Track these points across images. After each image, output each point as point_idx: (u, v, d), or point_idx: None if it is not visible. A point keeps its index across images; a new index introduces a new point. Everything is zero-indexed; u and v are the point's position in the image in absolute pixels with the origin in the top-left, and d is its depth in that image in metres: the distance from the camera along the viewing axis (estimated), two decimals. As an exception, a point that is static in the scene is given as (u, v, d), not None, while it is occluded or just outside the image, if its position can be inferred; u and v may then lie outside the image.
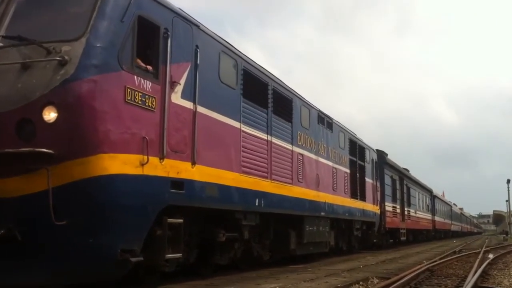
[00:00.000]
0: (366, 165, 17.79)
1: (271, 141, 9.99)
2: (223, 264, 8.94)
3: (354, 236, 16.64)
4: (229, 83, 8.53)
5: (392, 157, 24.45)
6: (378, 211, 19.52)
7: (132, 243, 6.14)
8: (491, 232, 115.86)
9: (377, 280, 9.11)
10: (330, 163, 13.77)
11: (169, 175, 6.73)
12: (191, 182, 7.18)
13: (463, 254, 18.27)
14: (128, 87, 6.10)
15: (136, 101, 6.22)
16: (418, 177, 34.92)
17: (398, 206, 23.93)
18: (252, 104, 9.32)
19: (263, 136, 9.71)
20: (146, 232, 6.36)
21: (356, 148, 16.71)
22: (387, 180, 22.31)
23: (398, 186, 24.69)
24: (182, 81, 7.14)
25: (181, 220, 7.00)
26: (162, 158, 6.60)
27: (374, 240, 19.62)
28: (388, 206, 21.81)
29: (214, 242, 8.40)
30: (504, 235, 54.69)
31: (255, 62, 9.69)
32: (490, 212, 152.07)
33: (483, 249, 20.93)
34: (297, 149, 11.43)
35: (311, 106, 12.64)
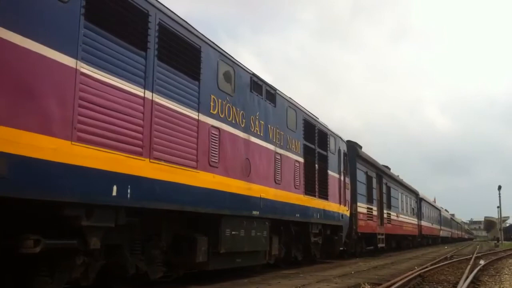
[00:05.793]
0: (330, 155, 14.32)
1: (152, 99, 6.59)
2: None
3: (313, 243, 13.23)
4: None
5: (389, 162, 21.32)
6: (347, 213, 16.07)
7: None
8: (482, 238, 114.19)
9: (369, 286, 8.98)
10: (270, 147, 10.37)
11: None
12: None
13: (454, 260, 17.95)
14: None
15: None
16: (410, 183, 31.73)
17: (375, 208, 20.48)
18: (110, 36, 5.91)
19: (136, 90, 6.31)
20: None
21: (315, 133, 13.24)
22: (361, 176, 18.86)
23: (375, 185, 21.21)
24: None
25: None
26: None
27: (341, 248, 16.12)
28: (362, 207, 18.40)
29: (23, 256, 5.02)
30: (496, 242, 52.85)
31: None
32: (481, 218, 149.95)
33: (474, 255, 20.31)
34: (209, 120, 8.04)
35: (238, 65, 9.25)
